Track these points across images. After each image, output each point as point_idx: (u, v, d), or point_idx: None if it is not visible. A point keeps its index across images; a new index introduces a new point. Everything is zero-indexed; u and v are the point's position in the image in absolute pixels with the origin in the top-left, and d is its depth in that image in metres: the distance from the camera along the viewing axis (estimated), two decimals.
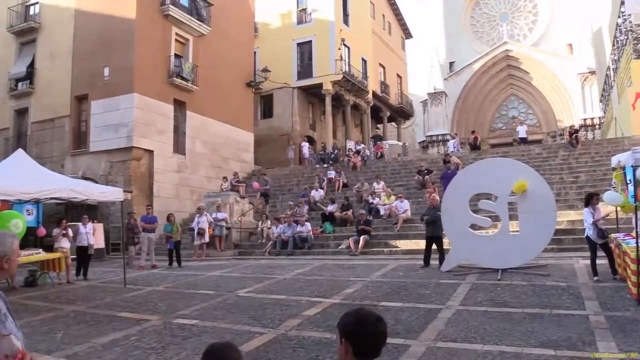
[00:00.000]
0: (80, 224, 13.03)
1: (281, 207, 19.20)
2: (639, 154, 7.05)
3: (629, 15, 21.91)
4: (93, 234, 13.38)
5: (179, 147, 20.76)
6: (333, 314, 7.03)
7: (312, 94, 29.34)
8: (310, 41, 28.68)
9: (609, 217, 8.98)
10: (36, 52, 21.61)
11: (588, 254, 8.75)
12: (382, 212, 16.34)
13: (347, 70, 28.45)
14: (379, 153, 25.06)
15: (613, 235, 8.71)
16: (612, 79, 28.49)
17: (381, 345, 1.83)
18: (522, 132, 25.21)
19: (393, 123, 39.60)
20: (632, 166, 7.40)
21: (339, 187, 19.97)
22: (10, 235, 2.23)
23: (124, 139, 18.63)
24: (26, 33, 21.86)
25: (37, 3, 21.86)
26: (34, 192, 9.34)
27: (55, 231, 11.95)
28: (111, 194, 11.07)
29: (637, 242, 6.83)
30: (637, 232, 7.01)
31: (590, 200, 8.55)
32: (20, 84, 21.59)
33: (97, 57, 19.36)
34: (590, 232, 8.43)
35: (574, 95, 39.76)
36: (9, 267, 2.15)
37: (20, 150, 11.44)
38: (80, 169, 19.28)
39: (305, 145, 26.52)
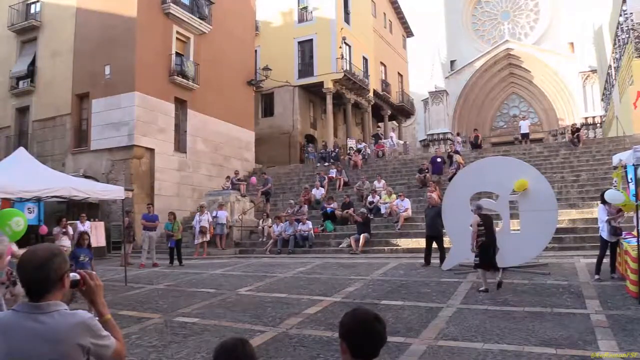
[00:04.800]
0: (78, 222, 13.06)
1: (282, 205, 19.21)
2: None
3: (631, 13, 21.85)
4: (91, 232, 13.38)
5: (180, 145, 20.77)
6: (334, 313, 7.04)
7: (313, 93, 29.31)
8: (311, 40, 28.64)
9: (624, 213, 8.78)
10: (37, 51, 21.62)
11: (589, 252, 8.77)
12: (382, 211, 16.34)
13: (348, 68, 28.41)
14: (380, 152, 25.02)
15: None
16: (613, 77, 28.43)
17: (379, 345, 1.80)
18: (524, 127, 25.04)
19: (394, 121, 39.56)
20: (633, 165, 7.40)
21: (340, 186, 19.98)
22: (3, 234, 2.34)
23: (125, 138, 18.64)
24: (27, 31, 21.87)
25: (38, 1, 21.87)
26: (35, 190, 9.36)
27: (56, 230, 11.95)
28: (112, 192, 11.09)
29: (638, 241, 6.84)
30: (638, 231, 7.00)
31: None
32: (21, 82, 21.60)
33: (98, 55, 19.37)
34: (602, 229, 8.34)
35: (575, 94, 39.73)
36: (1, 265, 2.23)
37: (21, 149, 11.43)
38: (82, 167, 19.30)
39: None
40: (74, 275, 1.96)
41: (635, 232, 7.61)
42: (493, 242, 8.19)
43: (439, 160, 18.64)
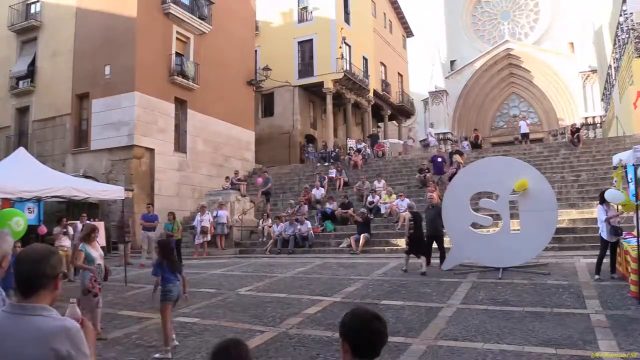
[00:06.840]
0: (78, 222, 13.06)
1: (282, 205, 19.21)
2: None
3: (631, 13, 21.84)
4: None
5: (180, 145, 20.76)
6: (334, 313, 7.04)
7: (313, 93, 29.31)
8: (311, 40, 28.64)
9: (623, 214, 8.78)
10: (37, 51, 21.61)
11: (589, 252, 8.76)
12: (382, 211, 16.35)
13: (348, 68, 28.40)
14: (380, 152, 24.99)
15: None
16: (613, 77, 28.42)
17: (379, 345, 1.79)
18: (523, 127, 25.16)
19: (394, 122, 39.57)
20: (633, 165, 7.40)
21: (340, 186, 19.97)
22: (9, 234, 2.32)
23: (125, 138, 18.64)
24: (27, 31, 21.87)
25: (38, 1, 21.87)
26: (35, 190, 9.36)
27: (56, 230, 11.97)
28: (112, 192, 11.10)
29: (638, 241, 6.84)
30: (638, 231, 7.01)
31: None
32: (21, 82, 21.59)
33: (98, 55, 19.37)
34: (602, 229, 8.34)
35: (575, 94, 39.68)
36: (5, 265, 2.22)
37: (21, 149, 11.43)
38: (82, 167, 19.29)
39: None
40: (75, 312, 1.96)
41: (635, 232, 7.60)
42: (421, 234, 10.64)
43: (439, 160, 18.49)
